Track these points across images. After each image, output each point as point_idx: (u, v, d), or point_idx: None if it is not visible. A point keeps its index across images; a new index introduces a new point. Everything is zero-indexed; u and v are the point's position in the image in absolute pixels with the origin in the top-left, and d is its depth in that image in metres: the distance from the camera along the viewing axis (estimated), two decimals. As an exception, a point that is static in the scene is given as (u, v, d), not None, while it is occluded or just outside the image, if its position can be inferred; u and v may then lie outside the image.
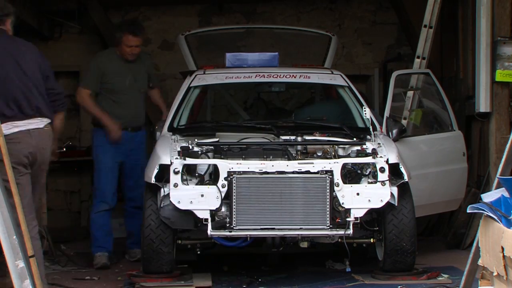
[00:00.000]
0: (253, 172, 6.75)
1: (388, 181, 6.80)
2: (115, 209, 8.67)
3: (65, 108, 6.48)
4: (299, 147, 7.13)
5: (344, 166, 6.87)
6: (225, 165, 6.75)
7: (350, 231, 6.76)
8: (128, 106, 8.49)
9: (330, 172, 6.77)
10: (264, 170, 6.77)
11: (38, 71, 6.22)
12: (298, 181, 6.79)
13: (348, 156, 7.08)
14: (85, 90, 8.55)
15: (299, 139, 7.17)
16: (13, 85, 6.05)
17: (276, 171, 6.74)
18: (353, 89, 8.19)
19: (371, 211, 6.90)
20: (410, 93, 8.97)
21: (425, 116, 8.77)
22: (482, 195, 4.77)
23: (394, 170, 6.92)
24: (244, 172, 6.67)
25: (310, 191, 6.77)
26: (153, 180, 6.81)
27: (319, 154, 7.05)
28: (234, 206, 6.68)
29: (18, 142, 5.97)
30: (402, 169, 6.92)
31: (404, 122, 8.45)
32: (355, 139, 7.26)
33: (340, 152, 7.13)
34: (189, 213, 6.76)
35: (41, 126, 6.14)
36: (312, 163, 6.85)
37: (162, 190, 6.81)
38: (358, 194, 6.77)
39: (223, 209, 6.74)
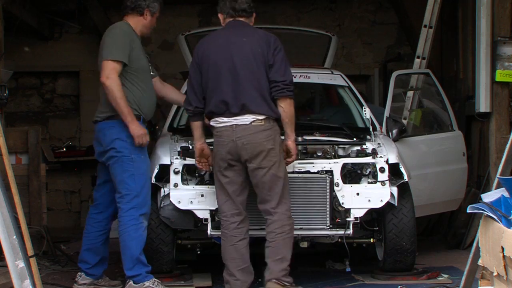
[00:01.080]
0: (253, 172, 6.73)
1: (388, 181, 6.80)
2: (101, 203, 8.60)
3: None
4: (299, 147, 7.12)
5: (344, 166, 6.87)
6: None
7: (350, 231, 6.77)
8: (152, 96, 6.77)
9: (330, 172, 6.77)
10: (264, 170, 6.76)
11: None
12: (298, 181, 6.79)
13: (348, 156, 7.08)
14: (116, 65, 6.39)
15: (299, 139, 7.17)
16: None
17: (276, 171, 6.74)
18: (353, 89, 8.19)
19: (371, 211, 6.90)
20: (410, 93, 8.97)
21: (425, 116, 8.77)
22: (482, 195, 4.77)
23: (394, 170, 6.92)
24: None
25: (310, 191, 6.77)
26: (153, 180, 6.81)
27: (319, 154, 7.05)
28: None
29: None
30: (402, 169, 6.93)
31: (404, 122, 8.45)
32: (355, 139, 7.26)
33: (340, 152, 7.13)
34: (189, 213, 6.77)
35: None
36: (312, 163, 6.86)
37: (162, 190, 6.81)
38: (358, 194, 6.77)
39: (223, 209, 6.74)
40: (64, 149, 12.00)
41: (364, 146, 7.08)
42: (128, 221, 6.45)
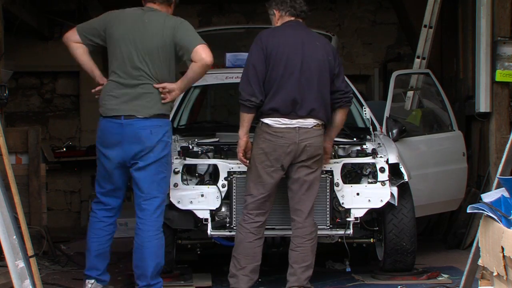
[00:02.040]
0: (253, 172, 6.73)
1: (388, 181, 6.80)
2: (115, 207, 8.59)
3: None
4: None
5: (344, 166, 6.87)
6: (225, 165, 6.75)
7: (350, 231, 6.77)
8: None
9: (330, 172, 6.77)
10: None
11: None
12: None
13: (348, 156, 7.08)
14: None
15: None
16: None
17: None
18: (353, 89, 8.17)
19: (371, 211, 6.90)
20: (410, 93, 8.97)
21: (425, 116, 8.77)
22: (482, 195, 4.77)
23: (394, 170, 6.92)
24: (244, 172, 6.66)
25: (310, 191, 6.77)
26: (153, 180, 6.80)
27: (319, 154, 7.04)
28: (234, 206, 6.68)
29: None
30: (402, 169, 6.93)
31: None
32: (355, 139, 7.26)
33: (340, 152, 7.13)
34: (189, 213, 6.76)
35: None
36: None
37: (162, 190, 6.80)
38: (358, 194, 6.78)
39: (223, 209, 6.75)
40: (64, 149, 12.00)
41: (364, 146, 7.09)
42: (159, 227, 6.21)
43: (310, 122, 6.24)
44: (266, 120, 6.23)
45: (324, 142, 6.42)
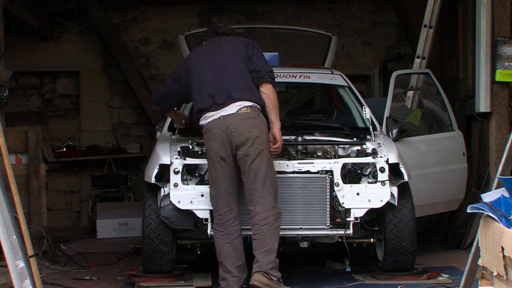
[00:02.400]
0: (253, 172, 6.73)
1: (388, 181, 6.80)
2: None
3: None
4: (299, 147, 7.12)
5: (344, 166, 6.87)
6: (225, 165, 6.74)
7: (350, 231, 6.77)
8: None
9: (330, 172, 6.77)
10: (264, 170, 6.75)
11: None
12: (298, 181, 6.79)
13: (348, 156, 7.08)
14: None
15: (299, 139, 7.17)
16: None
17: (276, 171, 6.73)
18: (353, 89, 8.19)
19: (371, 211, 6.90)
20: (410, 93, 8.96)
21: (425, 116, 8.77)
22: (482, 195, 4.77)
23: (394, 170, 6.92)
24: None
25: (310, 191, 6.77)
26: (153, 180, 6.81)
27: (319, 154, 7.05)
28: (234, 206, 6.68)
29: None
30: (402, 169, 6.92)
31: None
32: (355, 139, 7.26)
33: (340, 152, 7.13)
34: (189, 213, 6.76)
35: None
36: (312, 163, 6.86)
37: (162, 190, 6.81)
38: (358, 194, 6.77)
39: (223, 209, 6.74)
40: (64, 149, 11.99)
41: (364, 146, 7.08)
42: None
43: (232, 107, 6.37)
44: (200, 122, 6.50)
45: (271, 130, 6.50)
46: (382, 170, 6.82)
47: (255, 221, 6.33)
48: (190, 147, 7.00)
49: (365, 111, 7.75)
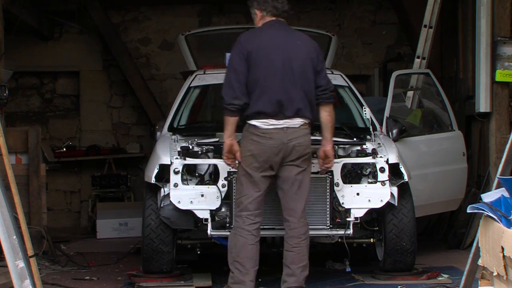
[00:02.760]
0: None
1: (388, 181, 6.80)
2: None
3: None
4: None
5: (344, 166, 6.87)
6: (225, 165, 6.73)
7: (350, 231, 6.77)
8: None
9: (330, 172, 6.77)
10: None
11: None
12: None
13: (348, 156, 7.08)
14: None
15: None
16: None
17: (276, 171, 6.73)
18: (353, 89, 8.19)
19: (371, 211, 6.90)
20: (410, 93, 8.96)
21: (425, 116, 8.77)
22: (482, 195, 4.77)
23: (394, 170, 6.92)
24: (244, 172, 6.66)
25: (310, 191, 6.76)
26: (153, 180, 6.81)
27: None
28: (234, 206, 6.67)
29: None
30: (402, 169, 6.93)
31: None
32: (355, 139, 7.26)
33: (340, 152, 7.13)
34: (189, 213, 6.76)
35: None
36: (312, 163, 6.85)
37: (162, 190, 6.81)
38: (358, 194, 6.78)
39: (223, 209, 6.75)
40: (64, 149, 12.00)
41: (364, 146, 7.08)
42: None
43: (297, 121, 6.23)
44: (254, 122, 6.22)
45: (322, 146, 6.42)
46: (382, 170, 6.82)
47: (295, 233, 6.27)
48: (190, 147, 6.99)
49: (365, 111, 7.75)
